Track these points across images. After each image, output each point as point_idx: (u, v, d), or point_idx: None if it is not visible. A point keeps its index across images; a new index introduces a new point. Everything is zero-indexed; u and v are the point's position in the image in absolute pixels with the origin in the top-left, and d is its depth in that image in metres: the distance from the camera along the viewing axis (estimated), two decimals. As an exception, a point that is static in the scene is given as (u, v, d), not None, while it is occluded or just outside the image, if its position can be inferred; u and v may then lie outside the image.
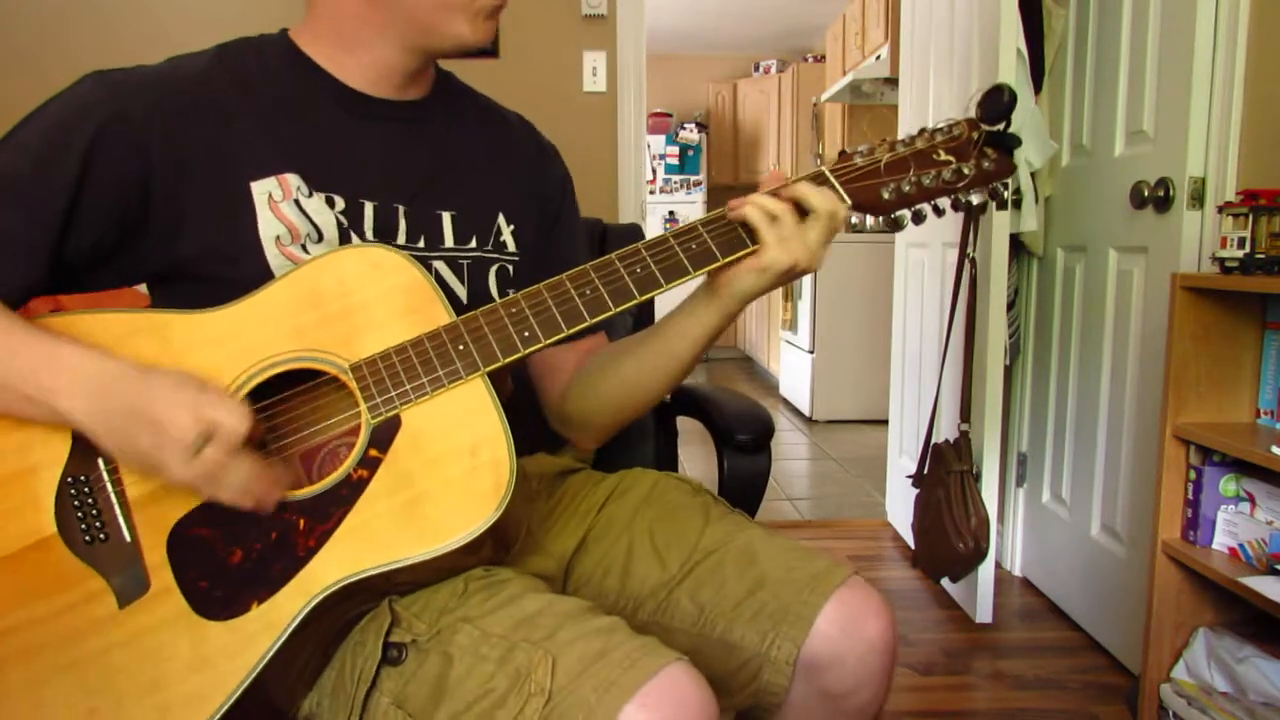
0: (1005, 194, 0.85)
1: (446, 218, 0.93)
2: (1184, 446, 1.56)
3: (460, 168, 0.95)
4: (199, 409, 0.70)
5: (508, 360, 0.78)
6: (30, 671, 0.70)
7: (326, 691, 0.79)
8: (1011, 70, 2.00)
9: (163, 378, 0.72)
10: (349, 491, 0.75)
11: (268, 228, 0.84)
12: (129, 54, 0.85)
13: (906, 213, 0.85)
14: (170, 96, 0.82)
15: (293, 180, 0.85)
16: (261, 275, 0.82)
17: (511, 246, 0.98)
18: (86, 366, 0.73)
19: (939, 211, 0.86)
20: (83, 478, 0.75)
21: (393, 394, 0.77)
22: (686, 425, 1.34)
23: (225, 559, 0.73)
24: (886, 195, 0.84)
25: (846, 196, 0.83)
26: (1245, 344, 1.55)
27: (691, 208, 6.74)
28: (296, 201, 0.85)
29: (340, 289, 0.80)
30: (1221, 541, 1.52)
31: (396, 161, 0.91)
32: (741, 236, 0.82)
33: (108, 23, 2.54)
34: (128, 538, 0.74)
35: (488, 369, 0.78)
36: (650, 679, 0.67)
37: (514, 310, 0.80)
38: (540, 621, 0.73)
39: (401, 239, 0.90)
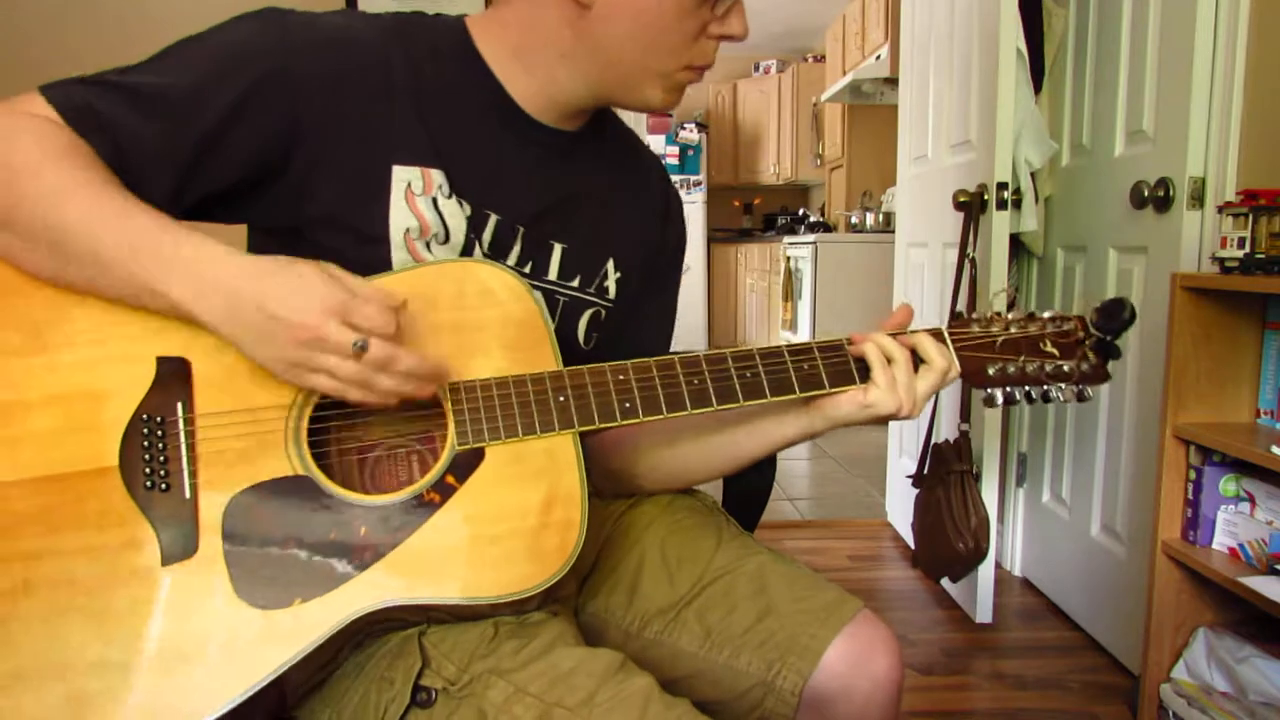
0: (1090, 397, 0.87)
1: (557, 250, 0.91)
2: (1184, 446, 1.56)
3: (586, 203, 0.93)
4: (346, 313, 0.67)
5: (601, 427, 0.78)
6: (54, 602, 0.67)
7: (345, 717, 0.78)
8: (1011, 70, 2.00)
9: (291, 278, 0.68)
10: (417, 513, 0.73)
11: (399, 217, 0.82)
12: (129, 54, 0.84)
13: (999, 392, 0.86)
14: (338, 63, 0.80)
15: (436, 176, 0.83)
16: (380, 263, 0.81)
17: (612, 293, 0.96)
18: (211, 268, 0.68)
19: (1030, 399, 0.87)
20: (158, 418, 0.72)
21: (484, 426, 0.75)
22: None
23: (279, 545, 0.71)
24: (992, 371, 0.86)
25: (957, 362, 0.85)
26: (1245, 344, 1.55)
27: (691, 208, 6.73)
28: (434, 199, 0.83)
29: (458, 301, 0.78)
30: (1221, 541, 1.52)
31: (530, 182, 0.89)
32: (852, 371, 0.84)
33: (108, 22, 2.54)
34: (188, 494, 0.71)
35: (582, 429, 0.77)
36: None
37: (621, 379, 0.79)
38: (575, 682, 0.72)
39: (513, 260, 0.88)
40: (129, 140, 0.73)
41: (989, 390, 0.86)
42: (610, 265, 0.95)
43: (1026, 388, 0.86)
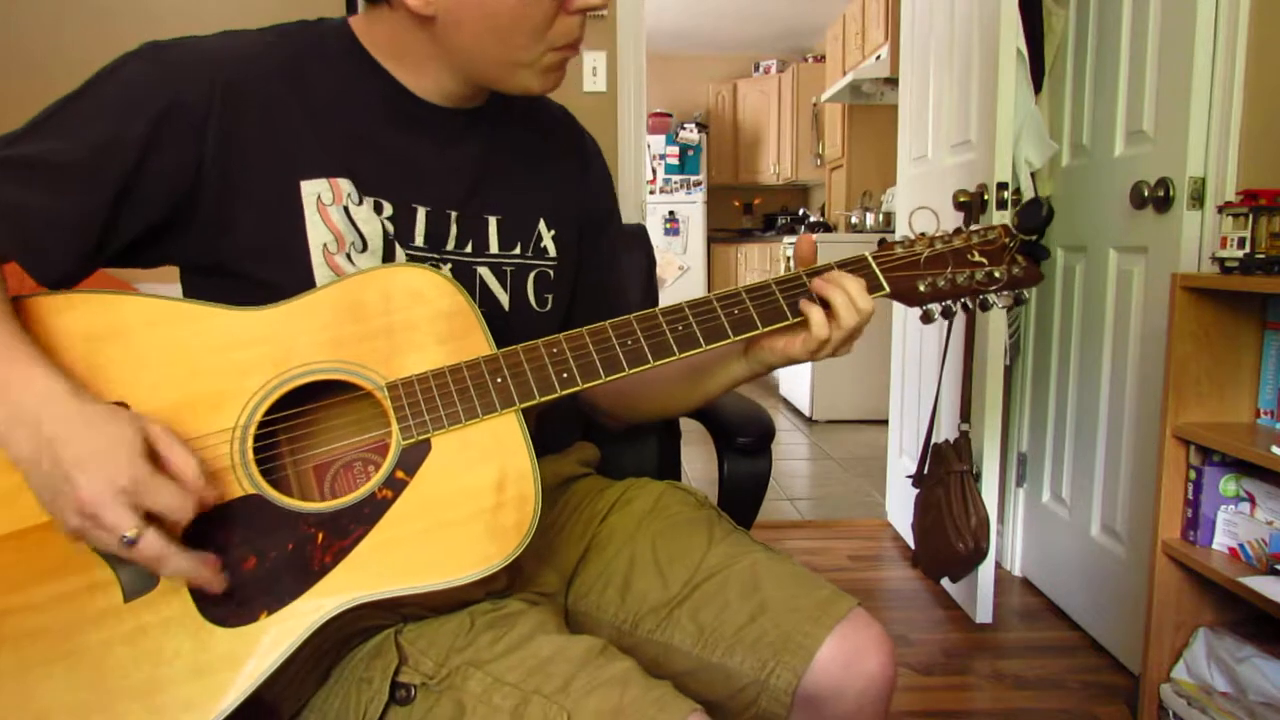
0: (1028, 298, 0.89)
1: (493, 223, 0.92)
2: (1184, 446, 1.56)
3: (506, 171, 0.94)
4: (137, 494, 0.65)
5: (543, 400, 0.78)
6: (22, 656, 0.68)
7: (329, 719, 0.78)
8: (1011, 70, 2.00)
9: (98, 441, 0.65)
10: (371, 510, 0.74)
11: (316, 234, 0.82)
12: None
13: (936, 307, 0.89)
14: (228, 79, 0.80)
15: (344, 185, 0.83)
16: (304, 282, 0.81)
17: (552, 251, 0.97)
18: (33, 403, 0.66)
19: (967, 309, 0.90)
20: None
21: (426, 418, 0.76)
22: (687, 425, 1.34)
23: (238, 564, 0.71)
24: (922, 288, 0.87)
25: (886, 284, 0.86)
26: (1245, 344, 1.56)
27: (692, 208, 6.73)
28: (345, 208, 0.83)
29: (384, 305, 0.79)
30: (1221, 541, 1.52)
31: (448, 166, 0.89)
32: (783, 309, 0.84)
33: (108, 23, 2.54)
34: None
35: (522, 406, 0.78)
36: None
37: (555, 351, 0.80)
38: (553, 670, 0.72)
39: (452, 244, 0.89)
40: (33, 220, 0.73)
41: (924, 306, 0.89)
42: (542, 225, 0.97)
43: (963, 299, 0.89)
